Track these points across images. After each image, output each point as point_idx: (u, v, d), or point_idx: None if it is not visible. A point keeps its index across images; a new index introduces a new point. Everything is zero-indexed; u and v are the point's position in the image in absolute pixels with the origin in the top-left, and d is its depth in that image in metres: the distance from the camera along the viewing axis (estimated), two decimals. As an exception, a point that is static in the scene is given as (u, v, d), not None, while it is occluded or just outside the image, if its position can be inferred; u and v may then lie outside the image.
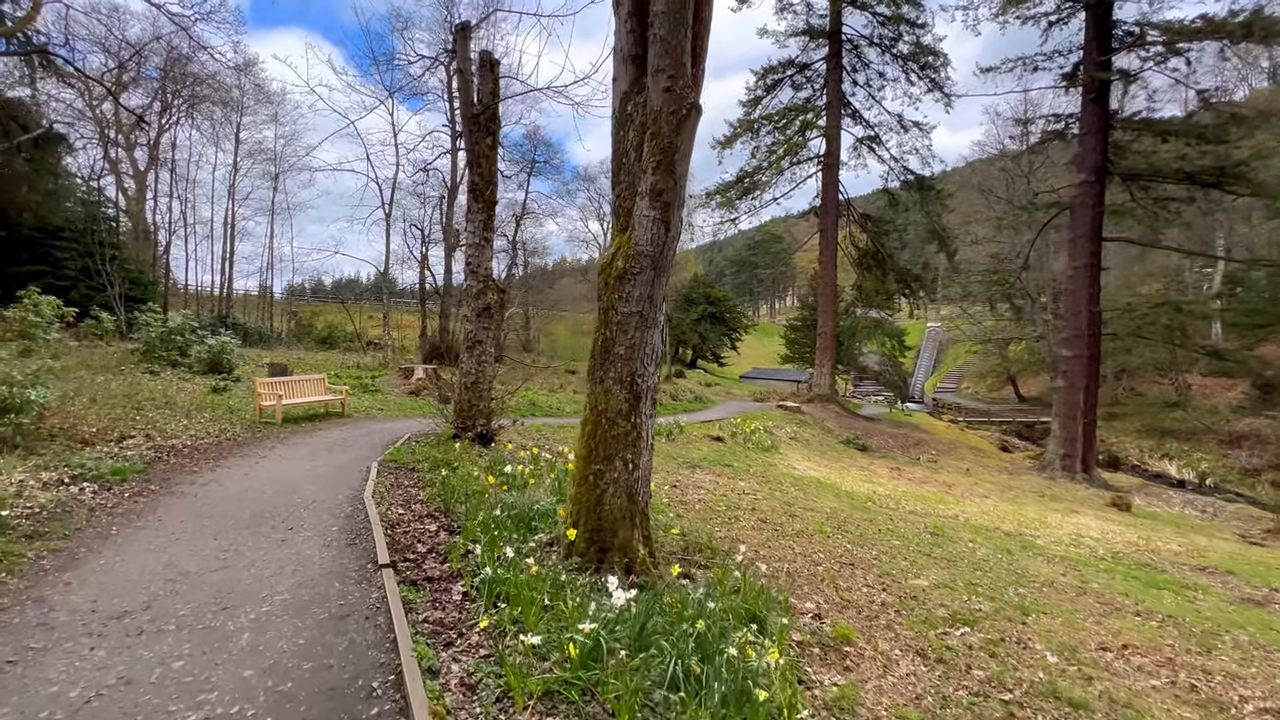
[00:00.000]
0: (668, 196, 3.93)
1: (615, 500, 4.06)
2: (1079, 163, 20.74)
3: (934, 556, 6.62)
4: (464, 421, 8.61)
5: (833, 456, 17.74)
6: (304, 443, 8.17)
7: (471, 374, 8.65)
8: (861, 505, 9.58)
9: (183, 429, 7.98)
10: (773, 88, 30.42)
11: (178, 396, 10.38)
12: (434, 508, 5.14)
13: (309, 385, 10.52)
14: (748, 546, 5.77)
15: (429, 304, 32.20)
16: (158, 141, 32.51)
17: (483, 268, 8.71)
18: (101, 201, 28.16)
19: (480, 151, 8.60)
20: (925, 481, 16.79)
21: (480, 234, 8.64)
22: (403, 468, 6.69)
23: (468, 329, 8.76)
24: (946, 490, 15.96)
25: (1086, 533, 10.59)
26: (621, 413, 4.08)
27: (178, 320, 14.55)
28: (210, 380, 12.68)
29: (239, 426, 8.77)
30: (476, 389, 8.66)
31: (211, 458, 6.82)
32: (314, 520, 4.73)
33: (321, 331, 30.92)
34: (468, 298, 8.77)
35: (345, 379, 15.30)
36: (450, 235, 26.44)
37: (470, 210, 8.65)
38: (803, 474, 12.62)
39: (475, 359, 8.66)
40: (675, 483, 8.47)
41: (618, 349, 4.06)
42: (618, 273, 4.04)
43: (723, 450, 13.35)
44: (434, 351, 25.60)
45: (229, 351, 13.78)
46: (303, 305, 42.00)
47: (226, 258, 32.70)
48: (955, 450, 25.42)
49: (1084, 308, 20.60)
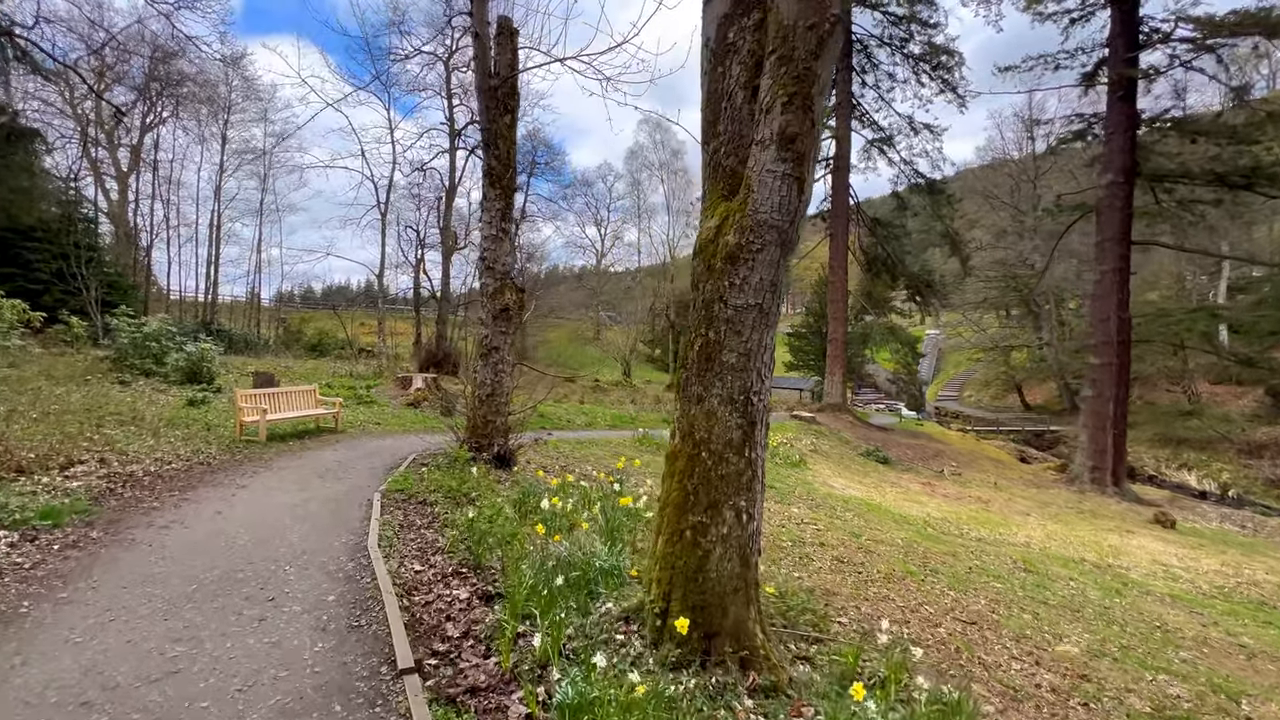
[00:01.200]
0: (803, 144, 2.84)
1: (725, 566, 2.94)
2: (1105, 163, 19.97)
3: (1050, 604, 5.54)
4: (478, 440, 7.46)
5: (860, 471, 16.68)
6: (291, 466, 6.98)
7: (487, 385, 7.51)
8: (926, 532, 8.50)
9: (147, 450, 6.77)
10: (780, 88, 29.59)
11: (147, 410, 9.14)
12: (459, 560, 3.99)
13: (298, 397, 9.32)
14: (845, 599, 4.68)
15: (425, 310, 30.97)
16: (141, 141, 31.21)
17: (500, 263, 7.59)
18: (79, 201, 26.81)
19: (497, 130, 7.50)
20: (960, 498, 15.77)
21: (498, 225, 7.53)
22: (411, 500, 5.53)
23: (482, 334, 7.63)
24: (984, 507, 14.95)
25: (1163, 559, 9.56)
26: (732, 444, 2.97)
27: (153, 325, 13.28)
28: (188, 391, 11.44)
29: (216, 446, 7.56)
30: (493, 402, 7.52)
31: (178, 488, 5.62)
32: (303, 584, 3.58)
33: (311, 338, 29.59)
34: (483, 297, 7.64)
35: (338, 389, 14.08)
36: (448, 238, 25.29)
37: (486, 198, 7.54)
38: (844, 493, 11.54)
39: (491, 368, 7.52)
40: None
41: (726, 356, 2.96)
42: (727, 252, 2.93)
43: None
44: (431, 359, 24.39)
45: (209, 359, 12.53)
46: (292, 311, 40.59)
47: (212, 261, 31.35)
48: (976, 462, 24.48)
49: (1113, 313, 19.75)
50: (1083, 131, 22.96)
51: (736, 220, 2.93)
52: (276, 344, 30.12)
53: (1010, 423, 40.85)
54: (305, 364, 21.02)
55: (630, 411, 19.67)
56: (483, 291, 7.66)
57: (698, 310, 3.09)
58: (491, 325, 7.54)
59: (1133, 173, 19.67)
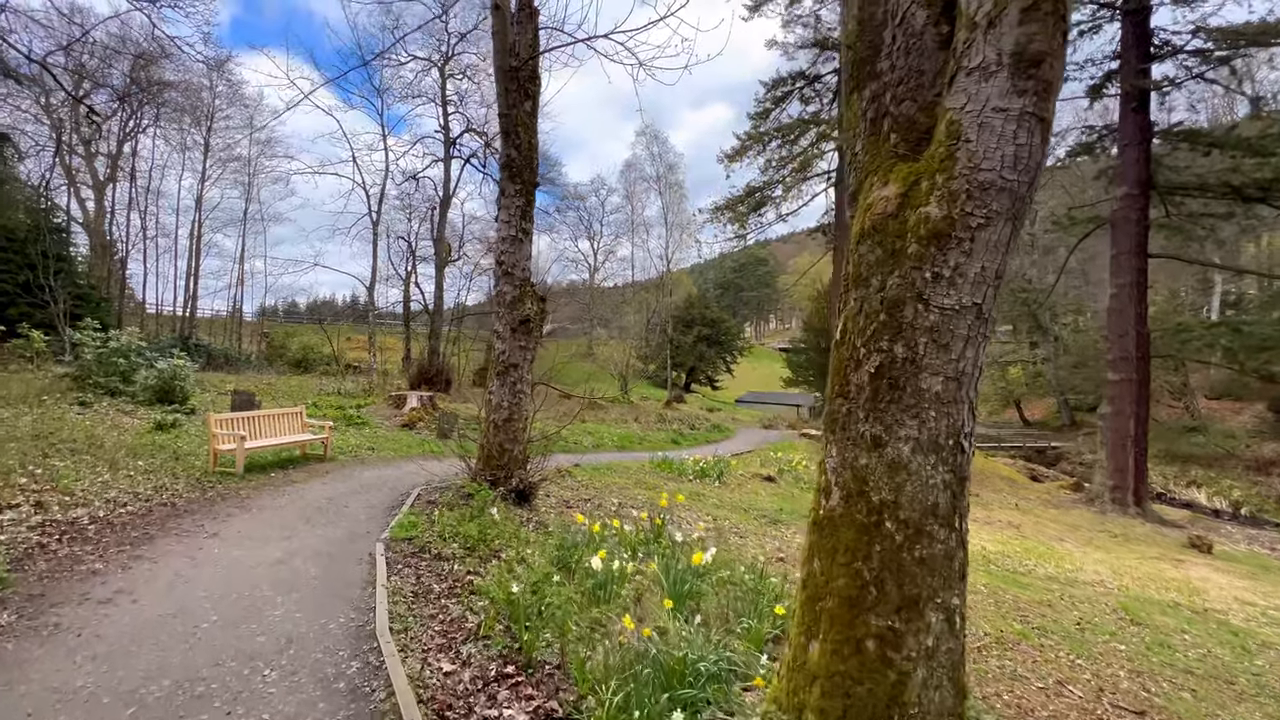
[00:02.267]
0: (1051, 68, 1.95)
1: (931, 696, 1.97)
2: (1120, 176, 19.59)
3: (1194, 673, 4.62)
4: (494, 471, 6.43)
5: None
6: (274, 505, 5.90)
7: (504, 407, 6.50)
8: (995, 571, 7.58)
9: (98, 489, 5.65)
10: (781, 100, 29.21)
11: (106, 436, 7.99)
12: (500, 652, 2.97)
13: (282, 421, 8.22)
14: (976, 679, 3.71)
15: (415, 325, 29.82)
16: (120, 149, 30.00)
17: (520, 268, 6.64)
18: (50, 210, 25.49)
19: (517, 118, 6.59)
20: (989, 522, 14.91)
21: (517, 224, 6.59)
22: (424, 553, 4.49)
23: (498, 349, 6.64)
24: (1016, 531, 14.12)
25: (1243, 595, 8.71)
26: (936, 511, 2.03)
27: (121, 339, 12.10)
28: (157, 413, 10.26)
29: (184, 481, 6.45)
30: (511, 428, 6.51)
31: (131, 540, 4.54)
32: (290, 702, 2.54)
33: (295, 354, 28.28)
34: (499, 307, 6.67)
35: (326, 409, 12.93)
36: (442, 249, 24.28)
37: (504, 194, 6.60)
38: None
39: (509, 388, 6.52)
40: (786, 554, 6.39)
41: (926, 381, 2.03)
42: (930, 229, 2.02)
43: (781, 493, 11.29)
44: (423, 376, 23.22)
45: (183, 377, 11.37)
46: (275, 326, 39.15)
47: (191, 273, 30.00)
48: (989, 481, 23.75)
49: (1131, 328, 19.22)
50: (1092, 144, 22.71)
51: (941, 185, 2.01)
52: (259, 360, 28.76)
53: (1011, 439, 40.36)
54: (289, 381, 19.78)
55: (636, 431, 18.65)
56: (498, 300, 6.69)
57: (869, 316, 2.15)
58: (509, 339, 6.56)
59: (1148, 185, 19.30)
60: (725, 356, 54.10)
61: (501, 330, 6.61)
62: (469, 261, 29.66)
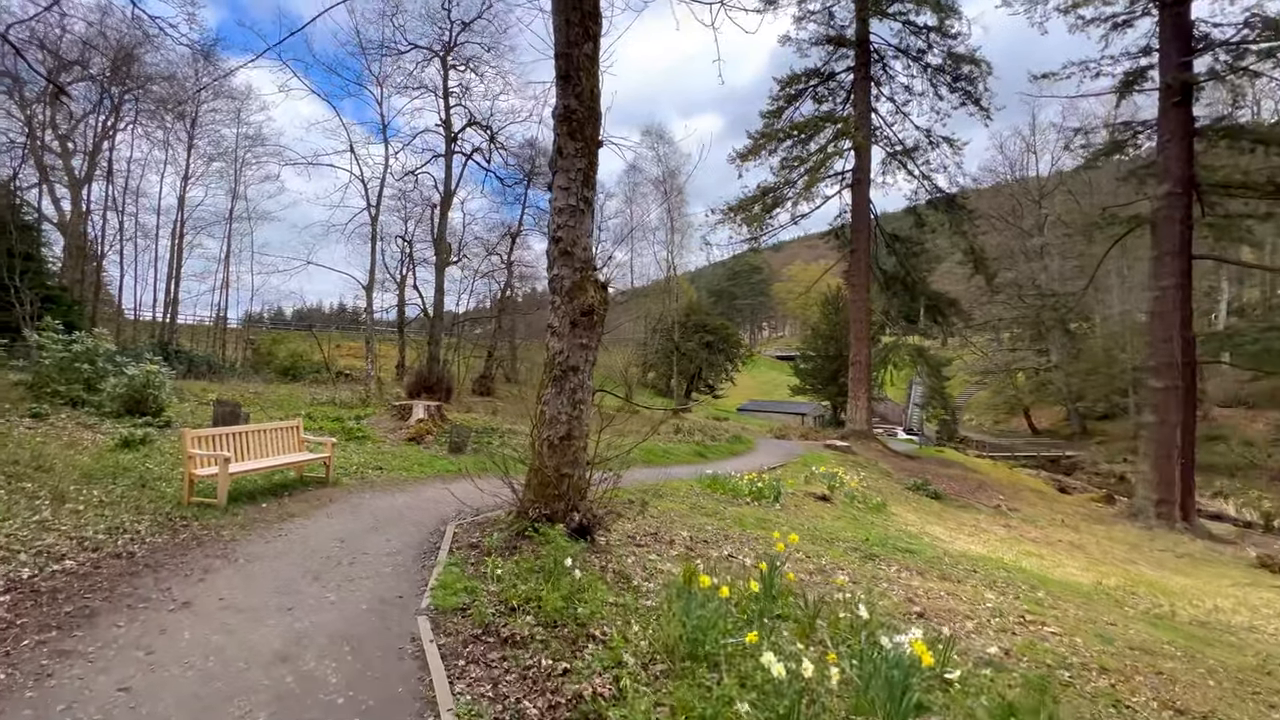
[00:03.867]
0: None
1: None
2: (1161, 173, 18.67)
3: None
4: (549, 503, 5.06)
5: (931, 511, 14.53)
6: (267, 553, 4.47)
7: (561, 422, 5.14)
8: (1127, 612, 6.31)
9: (29, 535, 4.20)
10: (795, 98, 28.24)
11: (59, 457, 6.52)
12: None
13: (274, 438, 6.78)
14: None
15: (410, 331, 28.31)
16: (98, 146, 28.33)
17: (581, 246, 5.30)
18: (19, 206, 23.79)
19: (577, 60, 5.29)
20: (1051, 542, 13.71)
21: (579, 191, 5.26)
22: (488, 634, 3.09)
23: (553, 349, 5.29)
24: (1084, 554, 12.93)
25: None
26: None
27: (88, 341, 10.58)
28: (125, 426, 8.77)
29: (150, 518, 4.99)
30: (569, 448, 5.15)
31: (60, 622, 3.11)
32: None
33: (283, 361, 26.64)
34: (554, 297, 5.32)
35: (322, 422, 11.46)
36: (443, 250, 22.85)
37: (562, 154, 5.28)
38: (953, 547, 9.33)
39: (567, 397, 5.17)
40: (908, 595, 5.07)
41: None
42: None
43: (843, 515, 9.99)
44: (421, 385, 21.70)
45: (157, 385, 9.86)
46: (261, 332, 37.36)
47: (173, 276, 28.29)
48: (1020, 494, 22.60)
49: (1175, 333, 18.22)
50: (1121, 143, 21.84)
51: None
52: (244, 367, 27.05)
53: (1022, 448, 39.35)
54: (277, 390, 18.21)
55: (658, 444, 17.29)
56: (554, 288, 5.34)
57: None
58: (568, 336, 5.21)
59: (1191, 183, 18.40)
60: (727, 364, 52.87)
61: (558, 325, 5.26)
62: (469, 266, 28.27)
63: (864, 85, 27.26)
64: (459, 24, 21.59)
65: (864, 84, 27.25)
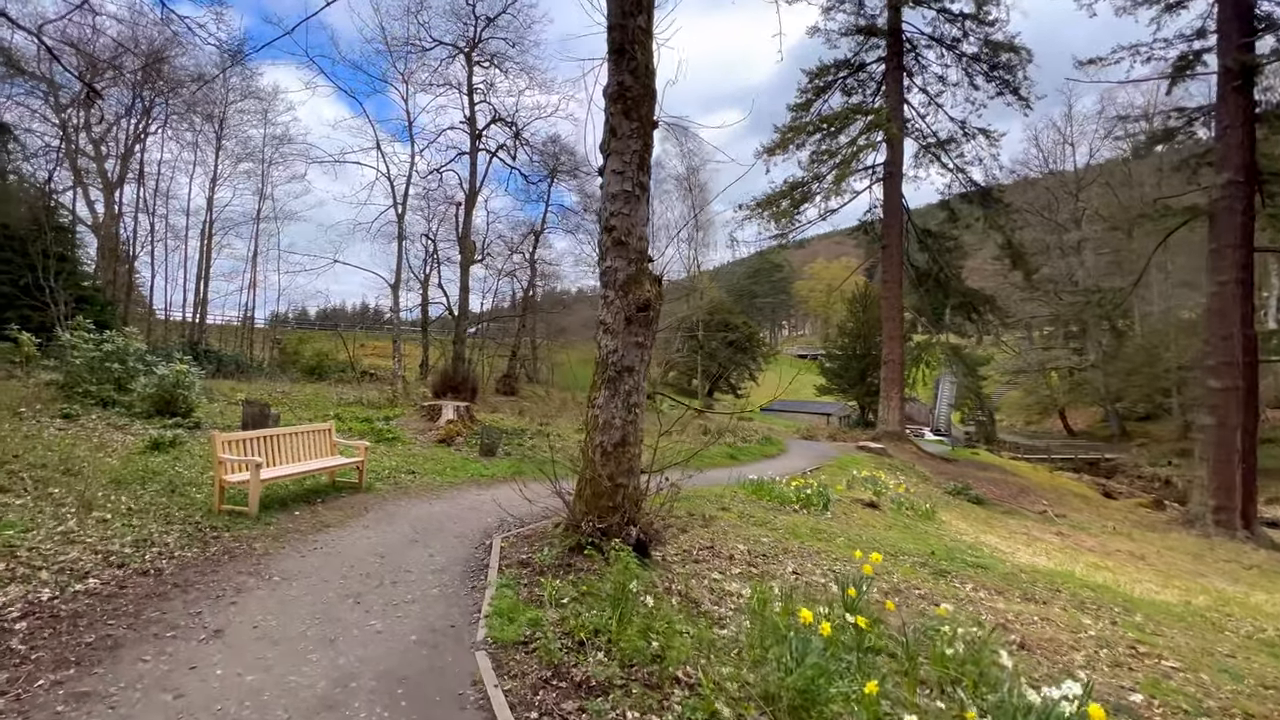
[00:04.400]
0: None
1: None
2: (1221, 161, 17.66)
3: None
4: (602, 515, 4.65)
5: (978, 518, 13.85)
6: (303, 570, 4.12)
7: (615, 427, 4.73)
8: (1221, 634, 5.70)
9: (53, 548, 3.91)
10: (823, 90, 27.52)
11: (88, 460, 6.30)
12: None
13: (306, 441, 6.48)
14: None
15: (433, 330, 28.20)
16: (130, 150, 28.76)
17: (636, 235, 4.88)
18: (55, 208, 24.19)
19: (631, 34, 4.86)
20: (1107, 552, 12.94)
21: (634, 175, 4.84)
22: (559, 677, 2.68)
23: (606, 347, 4.87)
24: (1147, 565, 12.16)
25: None
26: None
27: (118, 341, 10.46)
28: (155, 426, 8.59)
29: (179, 529, 4.69)
30: (623, 456, 4.73)
31: (79, 655, 2.76)
32: None
33: (309, 360, 26.69)
34: (608, 288, 4.90)
35: (350, 423, 11.22)
36: (467, 248, 22.65)
37: (616, 135, 4.85)
38: (1017, 559, 8.72)
39: (622, 401, 4.75)
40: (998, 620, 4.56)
41: None
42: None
43: (895, 524, 9.43)
44: (446, 384, 21.53)
45: (187, 385, 9.69)
46: (287, 332, 37.70)
47: (202, 277, 28.58)
48: (1064, 499, 21.71)
49: (1236, 330, 17.21)
50: (1174, 130, 20.79)
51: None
52: (271, 367, 27.18)
53: (1059, 450, 37.97)
54: (304, 389, 18.13)
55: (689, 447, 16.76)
56: (606, 281, 4.92)
57: None
58: (622, 333, 4.79)
59: (1254, 171, 17.39)
60: (750, 363, 52.13)
61: (611, 321, 4.83)
62: (492, 265, 28.06)
63: (896, 76, 26.44)
64: (483, 19, 21.36)
65: (896, 74, 26.43)
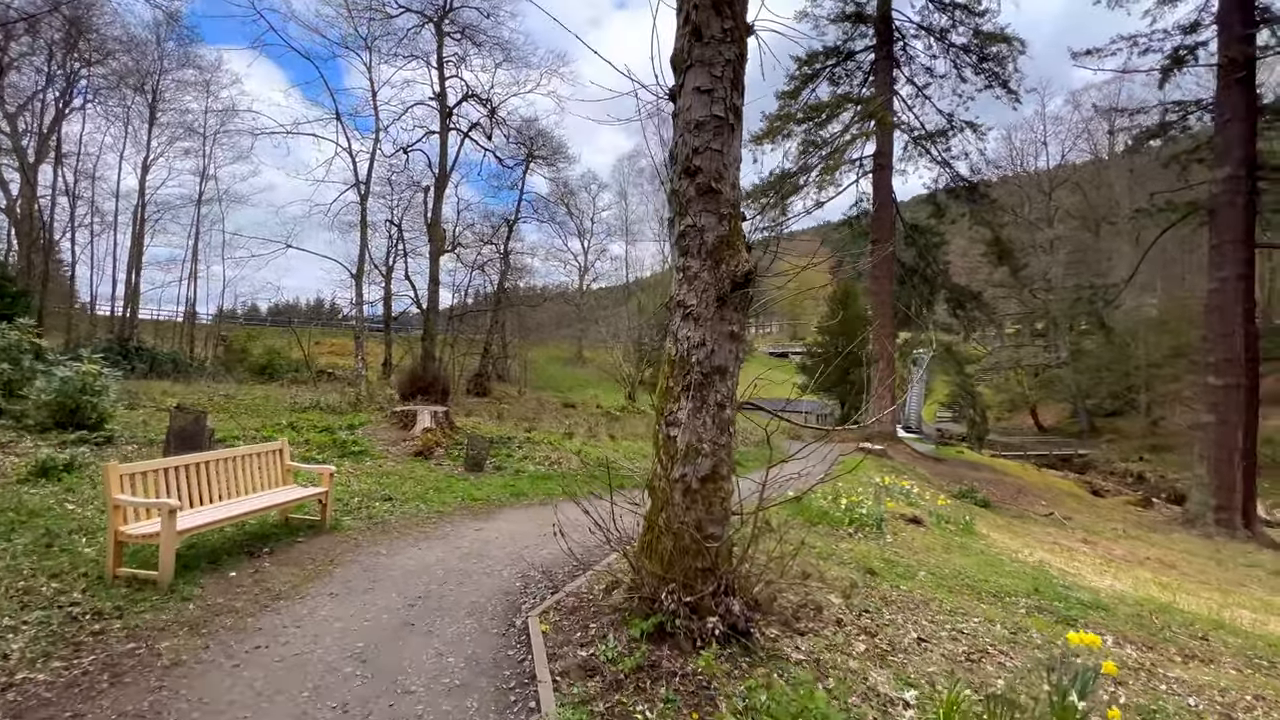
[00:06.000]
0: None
1: None
2: (1221, 155, 17.36)
3: None
4: (688, 582, 3.25)
5: (1001, 526, 12.94)
6: (233, 703, 2.57)
7: (704, 454, 3.34)
8: None
9: None
10: (811, 79, 26.57)
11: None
12: None
13: (249, 468, 4.82)
14: None
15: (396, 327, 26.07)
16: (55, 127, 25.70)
17: (729, 183, 3.48)
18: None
19: (720, -102, 3.41)
20: (1140, 561, 12.21)
21: (726, 96, 3.42)
22: None
23: (689, 338, 3.44)
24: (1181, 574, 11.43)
25: None
26: None
27: (10, 336, 8.44)
28: (50, 444, 6.73)
29: (41, 615, 3.04)
30: (713, 493, 3.35)
31: None
32: None
33: (259, 359, 24.27)
34: (689, 256, 3.48)
35: (308, 434, 9.44)
36: (438, 235, 20.75)
37: (700, 37, 3.41)
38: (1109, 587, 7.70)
39: (712, 415, 3.37)
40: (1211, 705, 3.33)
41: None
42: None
43: (949, 542, 8.28)
44: (415, 385, 19.64)
45: (96, 390, 7.77)
46: (234, 328, 34.71)
47: (133, 266, 25.70)
48: (1060, 499, 21.33)
49: (1237, 327, 16.94)
50: (1168, 125, 20.55)
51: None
52: (215, 366, 24.57)
53: (1033, 446, 38.30)
54: (252, 392, 16.02)
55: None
56: (687, 245, 3.48)
57: None
58: (711, 319, 3.36)
59: (1255, 165, 17.13)
60: (725, 361, 51.11)
61: (695, 303, 3.40)
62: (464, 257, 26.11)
63: (885, 65, 25.70)
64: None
65: (885, 64, 25.69)
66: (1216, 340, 17.44)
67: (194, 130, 24.89)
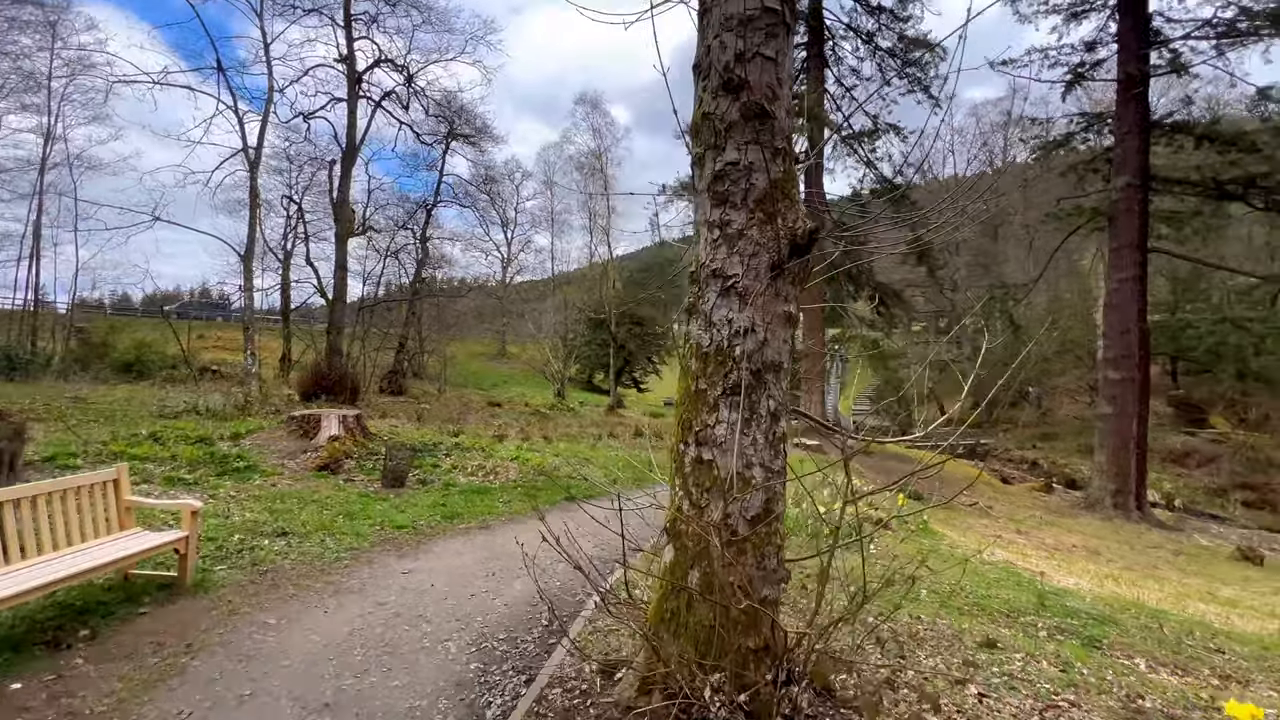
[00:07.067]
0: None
1: None
2: (1119, 165, 18.69)
3: None
4: (738, 668, 2.26)
5: (944, 520, 13.02)
6: None
7: (754, 484, 2.36)
8: None
9: None
10: (745, 72, 26.32)
11: None
12: None
13: (61, 510, 3.34)
14: None
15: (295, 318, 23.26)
16: None
17: (783, 106, 2.50)
18: None
19: None
20: (1067, 549, 12.67)
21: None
22: None
23: (731, 322, 2.44)
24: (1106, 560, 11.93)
25: None
26: None
27: None
28: None
29: None
30: (767, 541, 2.40)
31: None
32: None
33: (125, 354, 20.80)
34: (729, 205, 2.46)
35: (175, 445, 7.59)
36: (345, 216, 18.48)
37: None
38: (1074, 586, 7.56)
39: (763, 430, 2.39)
40: None
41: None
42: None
43: (922, 547, 7.89)
44: (318, 383, 17.48)
45: None
46: (97, 318, 29.90)
47: (-45, 241, 21.18)
48: (976, 488, 22.37)
49: (1133, 324, 18.33)
50: (1070, 135, 22.04)
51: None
52: (67, 362, 20.72)
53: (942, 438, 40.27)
54: (113, 393, 13.39)
55: (622, 452, 14.56)
56: (725, 191, 2.49)
57: None
58: (763, 296, 2.40)
59: (1147, 175, 18.54)
60: (652, 357, 50.91)
61: (739, 272, 2.42)
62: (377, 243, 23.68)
63: (818, 64, 25.97)
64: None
65: (817, 61, 25.96)
66: (1115, 337, 18.78)
67: (35, 80, 20.77)
